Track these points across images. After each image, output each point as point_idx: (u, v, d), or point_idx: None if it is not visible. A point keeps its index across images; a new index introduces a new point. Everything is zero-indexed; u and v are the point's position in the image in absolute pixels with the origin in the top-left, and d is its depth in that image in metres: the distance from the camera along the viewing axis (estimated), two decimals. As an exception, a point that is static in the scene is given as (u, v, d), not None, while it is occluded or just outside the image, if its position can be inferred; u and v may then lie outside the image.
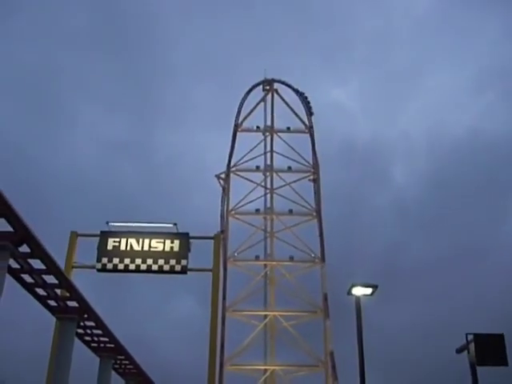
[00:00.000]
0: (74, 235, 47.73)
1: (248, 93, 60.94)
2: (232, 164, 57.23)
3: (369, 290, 21.02)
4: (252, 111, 60.22)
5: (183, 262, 45.85)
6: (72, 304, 30.42)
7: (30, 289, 28.17)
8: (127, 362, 42.17)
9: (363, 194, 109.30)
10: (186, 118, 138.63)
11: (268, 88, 61.49)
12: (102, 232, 47.07)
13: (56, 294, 29.65)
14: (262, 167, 57.94)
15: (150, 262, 45.56)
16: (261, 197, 56.81)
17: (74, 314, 30.59)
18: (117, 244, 46.27)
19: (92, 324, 33.63)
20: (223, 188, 57.09)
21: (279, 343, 52.54)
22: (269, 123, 60.05)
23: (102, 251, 46.22)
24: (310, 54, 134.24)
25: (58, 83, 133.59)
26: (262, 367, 50.29)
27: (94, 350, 37.96)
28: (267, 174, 58.08)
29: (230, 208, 54.96)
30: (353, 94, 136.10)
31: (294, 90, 60.80)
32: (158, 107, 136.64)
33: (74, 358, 30.76)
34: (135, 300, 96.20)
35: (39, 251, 24.41)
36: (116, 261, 45.74)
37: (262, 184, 57.46)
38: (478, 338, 23.24)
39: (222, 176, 57.22)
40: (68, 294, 29.79)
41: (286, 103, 60.21)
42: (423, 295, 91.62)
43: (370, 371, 20.21)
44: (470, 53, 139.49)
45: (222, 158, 58.10)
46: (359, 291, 21.01)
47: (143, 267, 45.53)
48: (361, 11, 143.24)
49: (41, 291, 28.84)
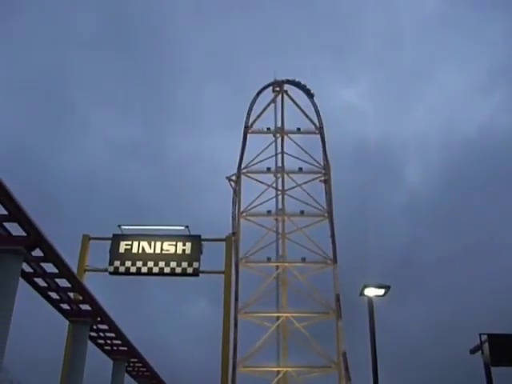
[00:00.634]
0: (86, 238, 47.83)
1: (258, 94, 60.95)
2: (243, 166, 57.24)
3: (381, 291, 20.95)
4: (262, 113, 60.20)
5: (195, 265, 45.81)
6: (85, 307, 30.52)
7: (43, 292, 28.29)
8: (140, 365, 42.23)
9: (376, 193, 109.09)
10: (197, 119, 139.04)
11: (278, 89, 61.46)
12: (114, 235, 47.13)
13: (69, 297, 29.77)
14: (273, 169, 57.94)
15: (162, 264, 45.55)
16: (272, 198, 56.82)
17: (86, 318, 30.68)
18: (129, 247, 46.32)
19: (105, 327, 33.70)
20: (234, 190, 57.11)
21: (292, 345, 52.52)
22: (279, 124, 60.04)
23: (115, 254, 46.28)
24: (320, 54, 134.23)
25: (70, 85, 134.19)
26: (275, 369, 50.29)
27: (107, 352, 38.04)
28: (278, 175, 58.06)
29: (242, 210, 54.96)
30: (363, 93, 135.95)
31: (304, 90, 60.70)
32: (170, 109, 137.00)
33: (87, 360, 30.87)
34: (148, 302, 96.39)
35: (52, 255, 24.51)
36: (128, 264, 45.78)
37: (273, 185, 57.45)
38: (492, 338, 23.13)
39: (233, 178, 57.24)
40: (81, 298, 29.89)
41: (296, 104, 60.18)
42: (436, 294, 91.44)
43: (383, 372, 20.16)
44: (480, 51, 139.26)
45: (233, 159, 58.14)
46: (371, 292, 20.95)
47: (155, 270, 45.54)
48: (369, 10, 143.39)
49: (54, 295, 28.95)
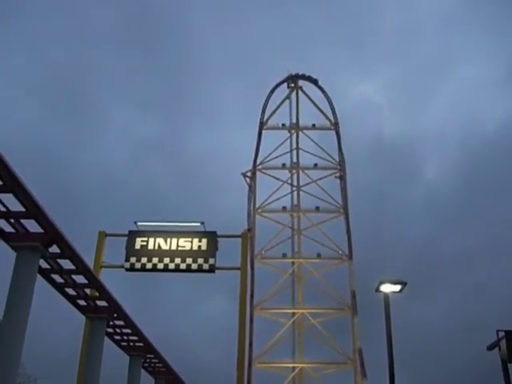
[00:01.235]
0: (103, 235, 47.97)
1: (272, 91, 60.96)
2: (258, 162, 57.27)
3: (397, 287, 20.77)
4: (277, 109, 60.19)
5: (211, 261, 45.79)
6: (101, 303, 30.62)
7: (60, 289, 28.42)
8: (156, 361, 42.31)
9: (394, 189, 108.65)
10: (216, 116, 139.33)
11: (293, 85, 61.41)
12: (130, 232, 47.22)
13: (86, 293, 29.88)
14: (288, 165, 57.93)
15: (178, 261, 45.56)
16: (287, 194, 56.89)
17: (103, 314, 30.77)
18: (145, 243, 46.40)
19: (121, 323, 33.82)
20: (250, 186, 57.15)
21: (307, 341, 52.56)
22: (294, 120, 60.00)
23: (131, 251, 46.38)
24: (337, 50, 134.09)
25: (89, 84, 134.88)
26: (291, 365, 50.31)
27: (123, 348, 38.15)
28: (293, 171, 58.06)
29: (257, 206, 55.03)
30: (380, 89, 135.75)
31: (319, 86, 60.62)
32: (189, 106, 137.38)
33: (104, 356, 31.01)
34: (165, 299, 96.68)
35: (69, 252, 24.64)
36: (144, 260, 45.87)
37: (289, 181, 57.44)
38: (510, 334, 22.99)
39: (249, 174, 57.29)
40: (97, 294, 30.01)
41: (311, 100, 60.11)
42: (454, 290, 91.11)
43: (399, 368, 20.09)
44: (499, 46, 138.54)
45: (250, 156, 58.19)
46: (388, 288, 20.78)
47: (171, 266, 45.58)
48: (386, 5, 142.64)
49: (71, 291, 29.07)
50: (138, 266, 45.90)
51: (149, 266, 45.71)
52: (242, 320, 45.19)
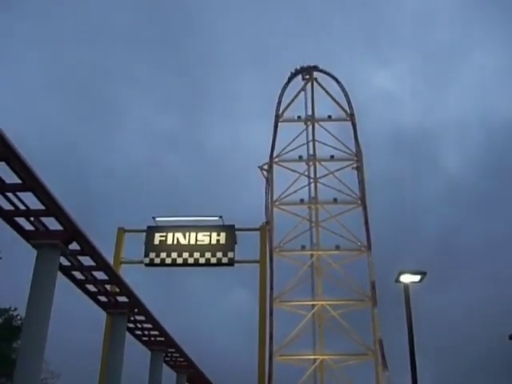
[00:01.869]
0: (122, 231, 48.20)
1: (287, 83, 60.85)
2: (275, 155, 57.25)
3: (417, 277, 20.68)
4: (292, 101, 60.11)
5: (230, 255, 45.86)
6: (122, 299, 30.83)
7: (81, 285, 28.65)
8: (178, 355, 42.53)
9: (413, 179, 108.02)
10: (233, 110, 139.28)
11: (307, 77, 61.28)
12: (148, 227, 47.41)
13: (106, 289, 30.08)
14: (305, 157, 57.85)
15: (196, 255, 45.69)
16: (305, 186, 56.80)
17: (124, 309, 30.99)
18: (163, 238, 46.56)
19: (142, 318, 34.04)
20: (267, 179, 57.14)
21: (328, 333, 52.55)
22: (310, 112, 59.89)
23: (150, 246, 46.58)
24: (353, 39, 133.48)
25: (108, 79, 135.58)
26: (311, 357, 50.36)
27: (144, 343, 38.39)
28: (310, 163, 57.97)
29: (275, 199, 55.00)
30: (398, 78, 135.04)
31: (333, 77, 60.49)
32: (206, 101, 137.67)
33: (126, 351, 31.21)
34: (186, 293, 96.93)
35: (89, 248, 24.81)
36: (163, 255, 46.04)
37: (306, 174, 57.37)
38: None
39: (265, 167, 57.26)
40: (118, 290, 30.21)
41: (326, 91, 59.97)
42: (475, 281, 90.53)
43: (420, 359, 20.07)
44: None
45: (266, 149, 58.16)
46: (407, 279, 20.70)
47: (190, 261, 45.71)
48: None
49: (91, 287, 29.30)
50: (157, 261, 46.09)
51: (168, 260, 45.89)
52: (262, 313, 45.26)
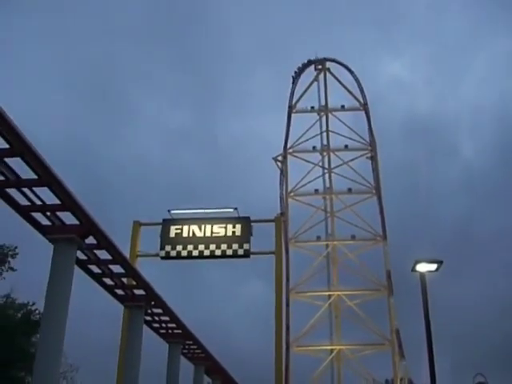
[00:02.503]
0: (137, 225, 48.41)
1: (299, 74, 60.74)
2: (288, 146, 57.21)
3: (433, 266, 20.57)
4: (305, 92, 60.01)
5: (246, 246, 45.93)
6: (139, 292, 30.93)
7: (97, 279, 28.78)
8: (195, 347, 42.66)
9: (429, 168, 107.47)
10: (246, 102, 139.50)
11: (320, 67, 61.10)
12: (163, 220, 47.55)
13: (123, 283, 30.20)
14: (319, 147, 57.75)
15: (212, 247, 45.80)
16: (319, 177, 56.74)
17: (141, 302, 31.09)
18: (179, 231, 46.70)
19: (159, 311, 34.16)
20: (281, 170, 57.10)
21: (344, 323, 52.58)
22: (323, 103, 59.76)
23: (165, 239, 46.72)
24: (365, 29, 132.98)
25: (120, 76, 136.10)
26: (328, 347, 50.39)
27: (162, 336, 38.52)
28: (324, 153, 57.88)
29: (289, 190, 54.98)
30: (411, 67, 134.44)
31: (346, 67, 60.31)
32: (218, 94, 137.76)
33: (143, 344, 31.36)
34: (203, 285, 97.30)
35: (105, 242, 24.91)
36: (179, 248, 46.18)
37: (320, 164, 57.29)
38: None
39: (280, 158, 57.22)
40: (134, 283, 30.32)
41: (339, 81, 59.80)
42: (492, 269, 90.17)
43: (437, 347, 20.04)
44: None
45: (280, 140, 58.12)
46: (424, 267, 20.61)
47: (206, 253, 45.83)
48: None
49: (108, 281, 29.42)
50: (173, 253, 46.24)
51: (184, 253, 46.03)
52: (279, 304, 45.35)
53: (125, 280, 30.26)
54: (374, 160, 56.18)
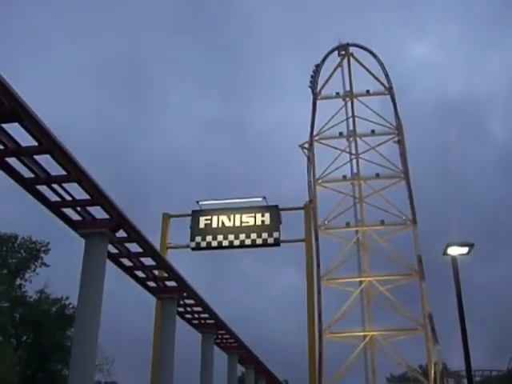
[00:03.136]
0: (167, 217, 48.68)
1: (324, 60, 60.45)
2: (315, 133, 57.00)
3: (465, 249, 20.41)
4: (330, 78, 59.71)
5: (275, 235, 46.01)
6: (171, 284, 31.14)
7: (129, 272, 29.03)
8: (228, 337, 42.87)
9: (461, 150, 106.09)
10: (274, 91, 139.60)
11: (343, 53, 60.72)
12: (193, 211, 47.76)
13: (154, 275, 30.45)
14: (345, 133, 57.44)
15: (242, 237, 45.93)
16: (346, 163, 56.42)
17: (173, 294, 31.29)
18: (208, 222, 46.90)
19: (192, 302, 34.36)
20: (308, 157, 56.91)
21: (376, 308, 52.42)
22: (348, 88, 59.42)
23: (195, 230, 46.95)
24: (390, 12, 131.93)
25: (149, 68, 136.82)
26: (361, 333, 50.27)
27: (195, 326, 38.75)
28: (351, 139, 57.56)
29: (317, 177, 54.77)
30: (438, 47, 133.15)
31: (369, 51, 59.88)
32: (247, 83, 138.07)
33: (177, 335, 31.57)
34: (235, 275, 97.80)
35: (135, 235, 25.11)
36: (209, 238, 46.38)
37: (347, 150, 57.00)
38: None
39: (306, 146, 57.02)
40: (166, 275, 30.52)
41: (364, 66, 59.39)
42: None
43: (471, 332, 19.90)
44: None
45: (307, 127, 57.90)
46: (455, 251, 20.45)
47: (236, 243, 45.99)
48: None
49: (140, 273, 29.67)
50: (203, 244, 46.47)
51: (214, 243, 46.23)
52: (310, 291, 45.43)
53: (156, 272, 30.52)
54: (402, 144, 55.74)
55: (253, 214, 46.77)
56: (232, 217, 46.76)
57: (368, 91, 58.61)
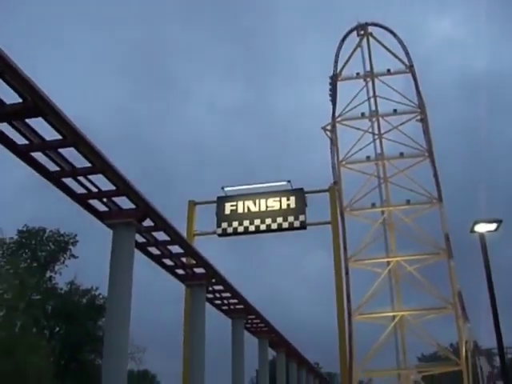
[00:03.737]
0: (192, 204, 48.85)
1: (343, 40, 60.01)
2: (337, 114, 56.71)
3: (493, 226, 20.25)
4: (349, 59, 59.30)
5: (301, 218, 46.03)
6: (199, 270, 31.37)
7: (158, 260, 29.29)
8: (258, 321, 43.12)
9: (487, 126, 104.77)
10: (295, 74, 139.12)
11: (362, 33, 60.21)
12: (218, 198, 47.89)
13: (183, 262, 30.67)
14: (367, 113, 57.08)
15: (268, 221, 46.02)
16: (370, 143, 56.04)
17: (201, 280, 31.53)
18: (234, 208, 47.00)
19: (220, 288, 34.58)
20: (331, 139, 56.67)
21: (405, 288, 52.22)
22: (368, 69, 58.99)
23: (221, 216, 47.10)
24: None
25: (170, 57, 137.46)
26: (390, 314, 50.16)
27: (224, 312, 39.02)
28: (373, 119, 57.17)
29: (341, 158, 54.48)
30: (460, 23, 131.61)
31: (389, 30, 59.33)
32: (269, 68, 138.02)
33: (207, 321, 31.81)
34: (261, 260, 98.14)
35: (162, 224, 25.31)
36: (235, 224, 46.49)
37: (370, 130, 56.65)
38: None
39: (329, 128, 56.77)
40: (194, 262, 30.73)
41: (383, 45, 58.86)
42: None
43: (502, 309, 19.79)
44: None
45: (328, 109, 57.61)
46: (483, 228, 20.27)
47: (263, 227, 46.08)
48: None
49: (168, 261, 29.93)
50: (229, 230, 46.61)
51: (240, 229, 46.35)
52: (338, 273, 45.46)
53: (184, 259, 30.73)
54: (425, 122, 55.22)
55: (278, 198, 46.81)
56: (257, 202, 46.83)
57: (389, 70, 58.08)
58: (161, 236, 26.91)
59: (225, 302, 37.66)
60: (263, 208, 46.57)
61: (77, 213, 23.59)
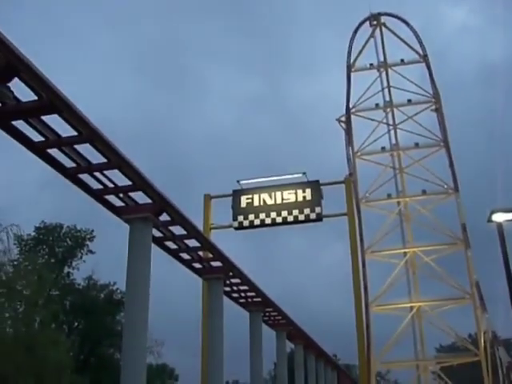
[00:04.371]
0: (208, 198, 48.97)
1: (355, 31, 59.73)
2: (351, 106, 56.51)
3: (511, 215, 20.16)
4: (362, 49, 59.03)
5: (317, 210, 46.01)
6: (216, 264, 31.44)
7: (175, 254, 29.38)
8: (276, 314, 43.15)
9: (505, 113, 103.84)
10: (311, 66, 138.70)
11: (375, 23, 59.88)
12: (234, 191, 47.94)
13: (199, 256, 30.76)
14: (382, 104, 56.83)
15: (284, 214, 46.04)
16: (384, 134, 55.80)
17: (219, 274, 31.62)
18: (250, 201, 47.04)
19: (238, 281, 34.62)
20: (346, 131, 56.50)
21: (422, 279, 52.06)
22: (382, 59, 58.70)
23: (237, 209, 47.17)
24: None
25: (186, 51, 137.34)
26: (408, 305, 50.06)
27: (242, 305, 39.07)
28: (388, 110, 56.92)
29: (356, 150, 54.34)
30: (476, 9, 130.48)
31: (402, 19, 59.00)
32: (284, 60, 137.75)
33: (225, 314, 31.90)
34: (278, 252, 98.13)
35: (178, 218, 25.37)
36: (251, 217, 46.55)
37: (384, 121, 56.43)
38: None
39: (343, 119, 56.59)
40: (211, 255, 30.80)
41: (396, 35, 58.54)
42: None
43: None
44: None
45: (343, 101, 57.41)
46: (500, 217, 20.15)
47: (279, 220, 46.11)
48: None
49: (185, 255, 30.01)
50: (246, 223, 46.68)
51: (257, 222, 46.40)
52: (355, 265, 45.42)
53: (201, 253, 30.82)
54: (439, 112, 54.96)
55: (294, 191, 46.80)
56: (273, 194, 46.86)
57: (402, 60, 57.81)
58: (177, 230, 26.99)
59: (242, 295, 37.71)
60: (279, 200, 46.58)
61: (93, 208, 23.73)
